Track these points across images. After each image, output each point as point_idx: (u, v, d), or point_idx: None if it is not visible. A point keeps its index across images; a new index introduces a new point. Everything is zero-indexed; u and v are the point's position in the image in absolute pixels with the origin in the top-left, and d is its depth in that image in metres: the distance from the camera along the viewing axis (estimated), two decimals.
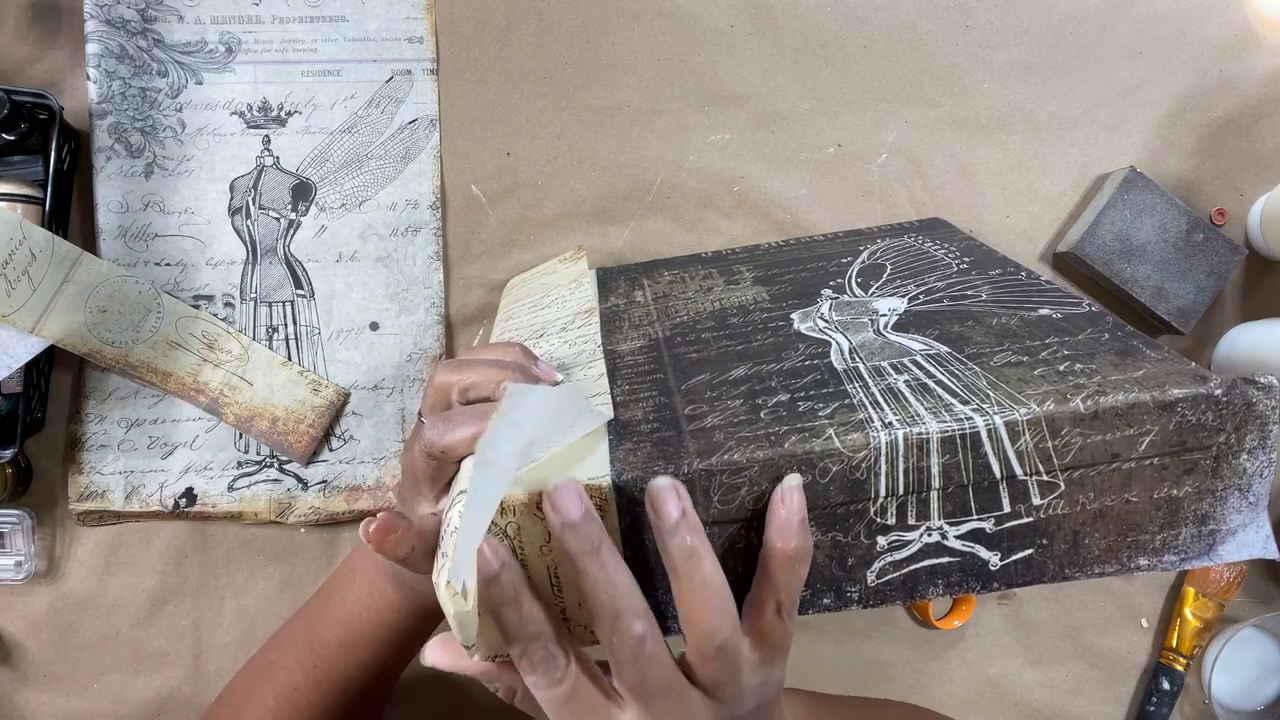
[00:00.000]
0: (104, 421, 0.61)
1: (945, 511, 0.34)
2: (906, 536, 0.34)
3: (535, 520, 0.33)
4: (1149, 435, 0.33)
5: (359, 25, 0.62)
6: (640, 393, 0.39)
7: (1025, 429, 0.33)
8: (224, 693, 0.52)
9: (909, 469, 0.33)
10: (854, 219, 0.65)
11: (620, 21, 0.64)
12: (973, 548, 0.35)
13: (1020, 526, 0.34)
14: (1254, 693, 0.68)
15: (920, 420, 0.33)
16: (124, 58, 0.60)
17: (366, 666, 0.47)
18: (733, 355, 0.41)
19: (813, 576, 0.35)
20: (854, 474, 0.33)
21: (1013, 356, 0.37)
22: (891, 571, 0.35)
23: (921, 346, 0.39)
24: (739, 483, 0.33)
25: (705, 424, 0.35)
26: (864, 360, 0.39)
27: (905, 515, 0.34)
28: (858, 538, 0.34)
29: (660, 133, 0.64)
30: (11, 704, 0.62)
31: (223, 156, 0.62)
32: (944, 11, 0.65)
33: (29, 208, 0.58)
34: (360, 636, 0.46)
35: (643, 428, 0.36)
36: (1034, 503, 0.34)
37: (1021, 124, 0.66)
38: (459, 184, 0.64)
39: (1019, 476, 0.34)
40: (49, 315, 0.56)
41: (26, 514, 0.60)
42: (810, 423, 0.34)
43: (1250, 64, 0.66)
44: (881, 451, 0.33)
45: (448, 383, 0.38)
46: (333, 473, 0.62)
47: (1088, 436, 0.33)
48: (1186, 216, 0.64)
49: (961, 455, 0.33)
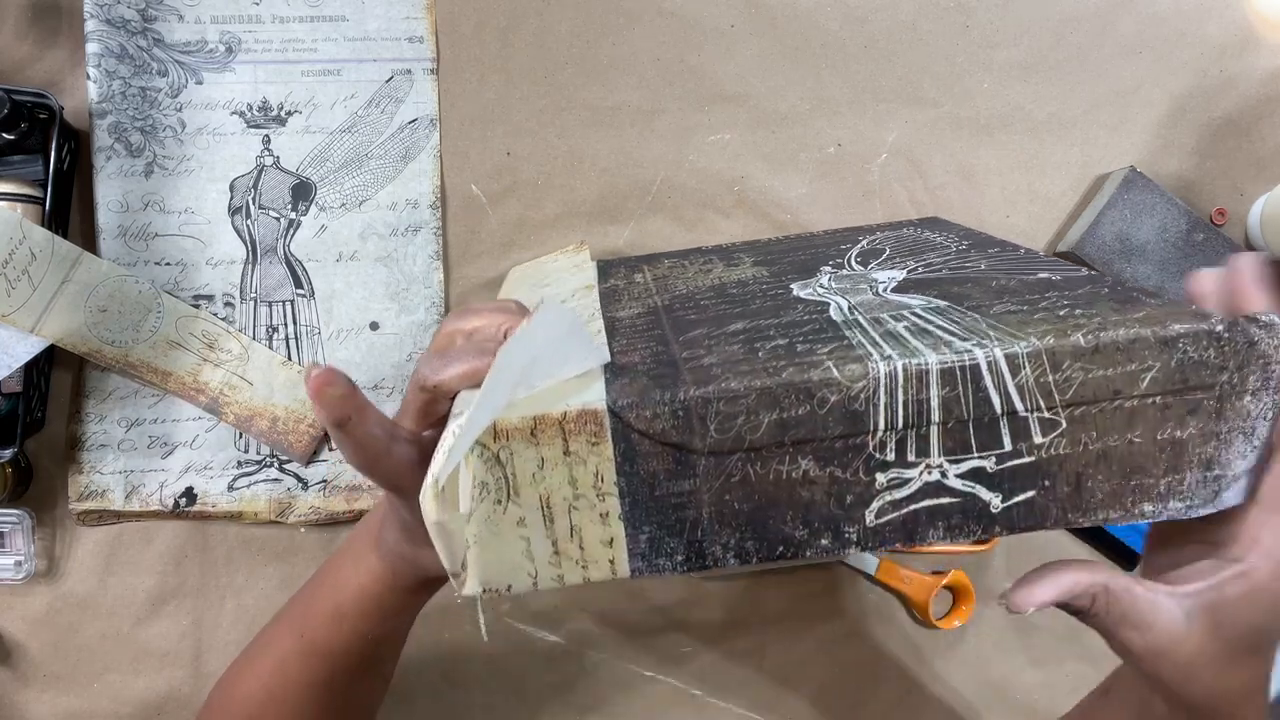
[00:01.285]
0: (104, 421, 0.61)
1: (946, 448, 0.34)
2: (906, 474, 0.34)
3: (528, 446, 0.33)
4: (1151, 371, 0.33)
5: (359, 25, 0.62)
6: (638, 345, 0.39)
7: (1026, 362, 0.33)
8: (224, 673, 0.52)
9: (908, 401, 0.33)
10: (854, 219, 0.65)
11: (620, 21, 0.64)
12: (974, 488, 0.34)
13: (1022, 466, 0.34)
14: None
15: (920, 353, 0.33)
16: (124, 57, 0.60)
17: (353, 638, 0.46)
18: (731, 316, 0.41)
19: (810, 514, 0.34)
20: (852, 404, 0.33)
21: (1013, 307, 0.37)
22: (891, 511, 0.35)
23: (921, 302, 0.39)
24: (736, 411, 0.33)
25: (703, 363, 0.35)
26: (863, 314, 0.39)
27: (905, 451, 0.34)
28: (856, 474, 0.34)
29: (660, 133, 0.65)
30: (11, 704, 0.62)
31: (223, 156, 0.62)
32: (944, 11, 0.65)
33: (29, 207, 0.58)
34: (345, 607, 0.46)
35: (640, 368, 0.36)
36: (1036, 441, 0.34)
37: (1021, 124, 0.66)
38: (459, 184, 0.64)
39: (1020, 412, 0.33)
40: (49, 315, 0.56)
41: (26, 514, 0.60)
42: (808, 358, 0.34)
43: (1250, 64, 0.66)
44: (880, 382, 0.33)
45: (454, 329, 0.39)
46: (333, 472, 0.62)
47: (1089, 371, 0.33)
48: (1186, 216, 0.64)
49: (961, 388, 0.33)
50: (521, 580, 0.35)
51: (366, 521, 0.47)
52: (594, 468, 0.33)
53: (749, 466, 0.34)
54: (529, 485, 0.33)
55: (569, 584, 0.35)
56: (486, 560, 0.34)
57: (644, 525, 0.34)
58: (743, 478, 0.34)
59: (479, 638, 0.64)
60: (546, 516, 0.34)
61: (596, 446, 0.33)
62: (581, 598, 0.65)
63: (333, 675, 0.47)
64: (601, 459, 0.33)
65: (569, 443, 0.33)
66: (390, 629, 0.48)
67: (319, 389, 0.34)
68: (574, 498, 0.34)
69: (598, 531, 0.34)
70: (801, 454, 0.34)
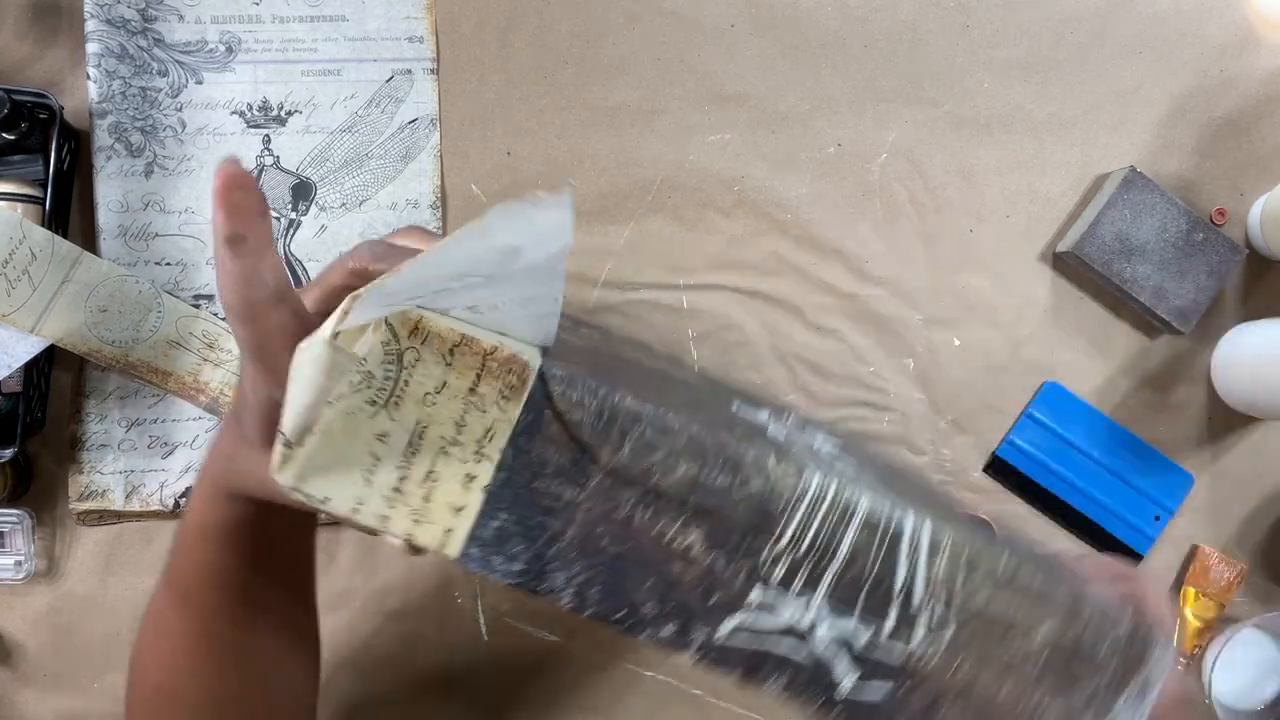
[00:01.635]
0: (104, 421, 0.61)
1: (830, 595, 0.32)
2: (780, 606, 0.32)
3: (438, 363, 0.29)
4: (1047, 625, 0.32)
5: (359, 25, 0.62)
6: (577, 359, 0.35)
7: (946, 550, 0.32)
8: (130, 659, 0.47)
9: (823, 529, 0.31)
10: (854, 218, 0.65)
11: (620, 21, 0.64)
12: (832, 658, 0.32)
13: (889, 659, 0.32)
14: (1254, 693, 0.68)
15: (855, 491, 0.31)
16: (124, 57, 0.60)
17: (209, 572, 0.42)
18: (673, 389, 0.38)
19: (670, 593, 0.32)
20: (771, 501, 0.31)
21: (944, 512, 0.35)
22: (744, 637, 0.32)
23: (857, 465, 0.38)
24: (659, 444, 0.30)
25: (643, 393, 0.32)
26: (803, 446, 0.37)
27: (792, 579, 0.32)
28: (736, 575, 0.31)
29: (660, 133, 0.65)
30: (11, 704, 0.62)
31: (223, 156, 0.62)
32: (944, 11, 0.65)
33: (29, 207, 0.58)
34: (190, 536, 0.42)
35: (581, 365, 0.32)
36: (916, 637, 0.32)
37: (1021, 124, 0.66)
38: (459, 184, 0.64)
39: (916, 596, 0.32)
40: (49, 315, 0.56)
41: (26, 514, 0.60)
42: (749, 440, 0.32)
43: (1250, 64, 0.66)
44: (809, 493, 0.31)
45: (415, 234, 0.35)
46: None
47: (998, 592, 0.32)
48: (1186, 216, 0.64)
49: (877, 542, 0.31)
50: (343, 499, 0.30)
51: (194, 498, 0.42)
52: (490, 421, 0.30)
53: (639, 509, 0.31)
54: (413, 403, 0.30)
55: (388, 533, 0.31)
56: (322, 457, 0.29)
57: (501, 511, 0.31)
58: (627, 518, 0.31)
59: (479, 638, 0.64)
60: (411, 446, 0.30)
61: (506, 401, 0.30)
62: None
63: (204, 622, 0.42)
64: (502, 416, 0.30)
65: (480, 382, 0.30)
66: (247, 559, 0.42)
67: (226, 188, 0.28)
68: (451, 441, 0.30)
69: (454, 491, 0.30)
70: (697, 524, 0.31)
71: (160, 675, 0.43)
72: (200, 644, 0.42)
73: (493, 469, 0.30)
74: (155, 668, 0.44)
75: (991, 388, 0.66)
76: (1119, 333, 0.67)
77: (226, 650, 0.43)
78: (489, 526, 0.31)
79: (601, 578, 0.32)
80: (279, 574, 0.44)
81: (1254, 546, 0.68)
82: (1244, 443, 0.67)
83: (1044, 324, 0.66)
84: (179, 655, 0.43)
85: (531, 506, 0.31)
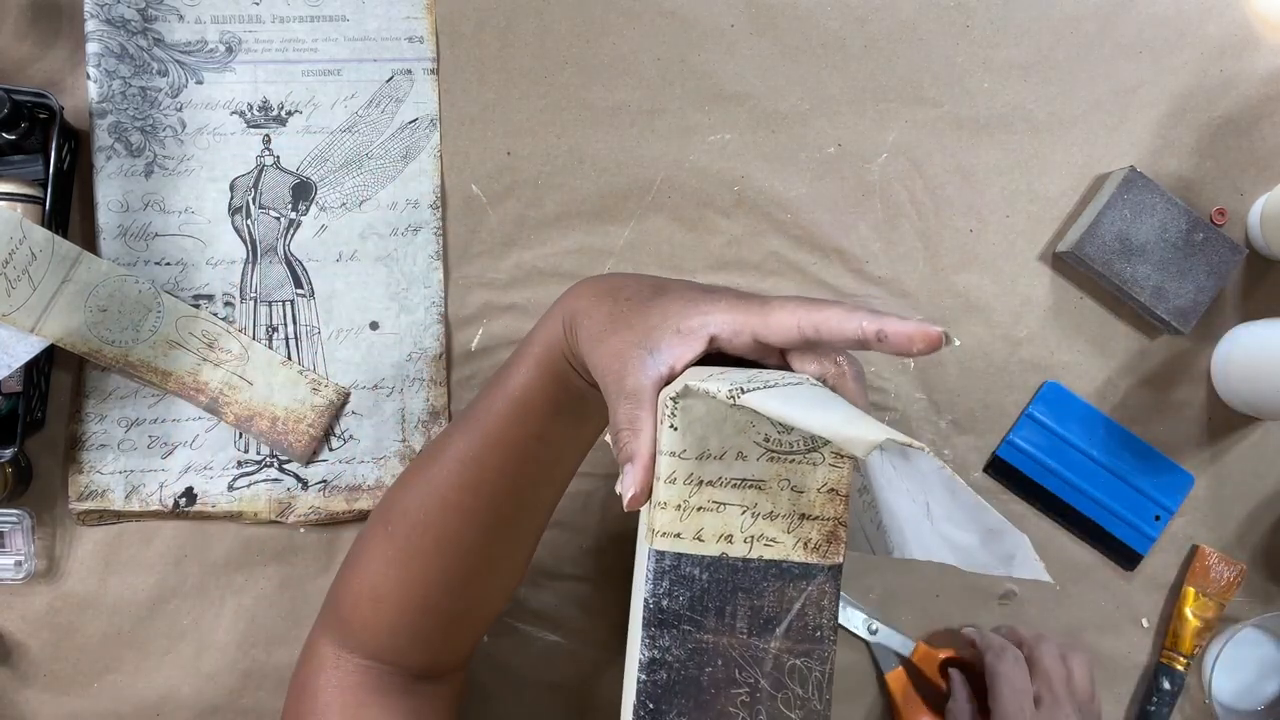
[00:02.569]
0: (104, 421, 0.61)
1: None
2: None
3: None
4: None
5: (359, 25, 0.62)
6: None
7: None
8: (389, 490, 0.52)
9: None
10: (853, 218, 0.65)
11: (620, 21, 0.64)
12: None
13: None
14: (1254, 693, 0.68)
15: None
16: (124, 57, 0.60)
17: (527, 441, 0.45)
18: None
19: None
20: None
21: None
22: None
23: None
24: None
25: None
26: None
27: None
28: None
29: (660, 133, 0.65)
30: (11, 704, 0.62)
31: (223, 156, 0.62)
32: (944, 11, 0.65)
33: (29, 207, 0.58)
34: (526, 402, 0.45)
35: None
36: None
37: (1021, 124, 0.66)
38: (459, 184, 0.64)
39: None
40: (49, 314, 0.56)
41: (26, 514, 0.60)
42: None
43: (1250, 64, 0.66)
44: None
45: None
46: (333, 472, 0.62)
47: None
48: (1186, 216, 0.64)
49: None
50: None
51: (537, 333, 0.45)
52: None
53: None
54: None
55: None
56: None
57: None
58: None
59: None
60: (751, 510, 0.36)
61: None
62: (581, 598, 0.65)
63: (510, 467, 0.46)
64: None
65: None
66: (563, 435, 0.47)
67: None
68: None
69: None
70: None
71: (438, 515, 0.47)
72: (496, 486, 0.47)
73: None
74: (435, 503, 0.47)
75: (991, 388, 0.66)
76: (1119, 333, 0.67)
77: (514, 495, 0.47)
78: None
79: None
80: (571, 450, 0.49)
81: (1254, 546, 0.68)
82: (1244, 443, 0.67)
83: (1044, 324, 0.66)
84: (465, 495, 0.47)
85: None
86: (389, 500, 0.51)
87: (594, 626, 0.65)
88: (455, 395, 0.64)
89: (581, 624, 0.65)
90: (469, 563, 0.48)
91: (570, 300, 0.43)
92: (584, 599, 0.65)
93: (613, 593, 0.65)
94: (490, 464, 0.46)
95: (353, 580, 0.50)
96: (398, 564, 0.48)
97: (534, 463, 0.47)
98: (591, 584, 0.65)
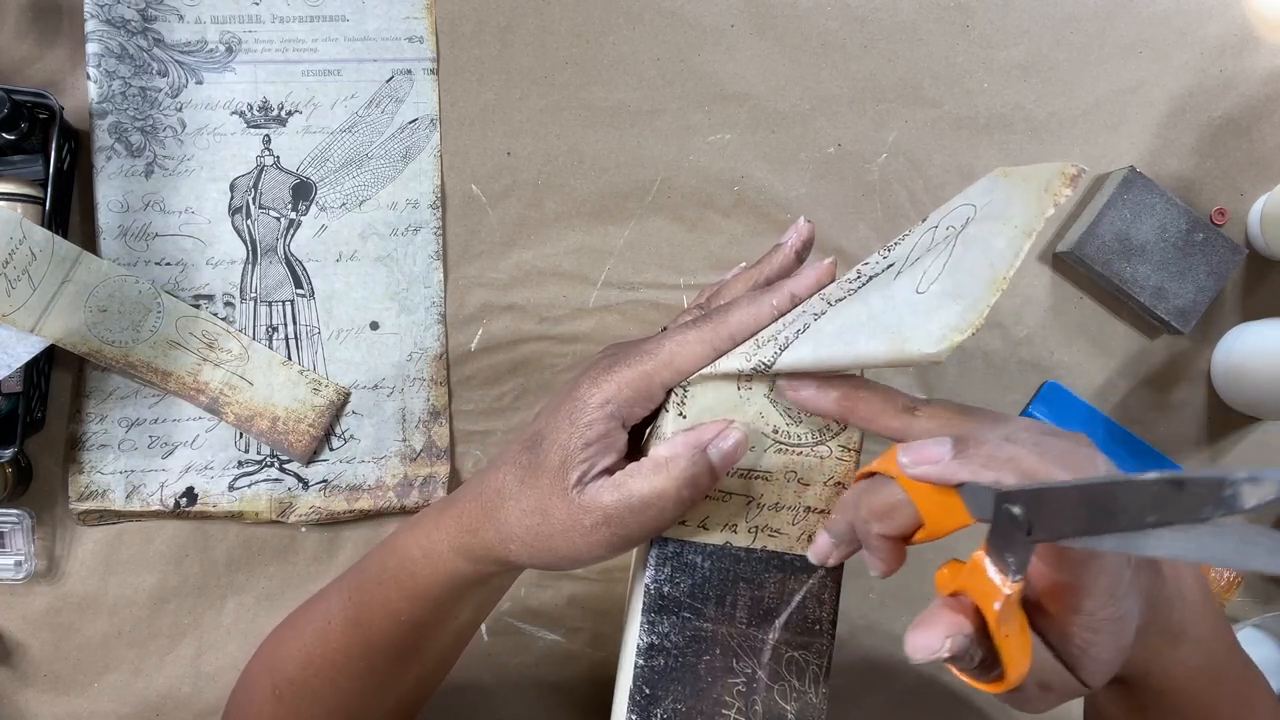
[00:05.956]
0: (104, 421, 0.61)
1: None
2: None
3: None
4: None
5: (359, 25, 0.62)
6: None
7: None
8: (273, 631, 0.50)
9: None
10: (854, 219, 0.65)
11: (620, 21, 0.64)
12: None
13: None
14: None
15: None
16: (124, 57, 0.60)
17: (396, 616, 0.44)
18: None
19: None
20: None
21: None
22: None
23: None
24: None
25: None
26: None
27: None
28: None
29: (660, 133, 0.65)
30: (11, 704, 0.62)
31: (223, 156, 0.62)
32: (944, 11, 0.65)
33: (29, 207, 0.58)
34: (401, 581, 0.43)
35: None
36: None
37: (1021, 124, 0.66)
38: (459, 184, 0.64)
39: None
40: (49, 315, 0.56)
41: (26, 514, 0.60)
42: None
43: (1250, 64, 0.66)
44: None
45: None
46: (333, 472, 0.62)
47: None
48: (1186, 216, 0.64)
49: None
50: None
51: (446, 504, 0.44)
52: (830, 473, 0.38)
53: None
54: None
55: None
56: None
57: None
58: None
59: (480, 637, 0.64)
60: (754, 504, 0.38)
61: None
62: (581, 597, 0.65)
63: (369, 650, 0.45)
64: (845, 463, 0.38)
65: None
66: (438, 617, 0.45)
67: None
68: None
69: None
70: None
71: (303, 672, 0.46)
72: (356, 664, 0.45)
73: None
74: (300, 660, 0.46)
75: (991, 388, 0.66)
76: (1119, 333, 0.67)
77: (375, 674, 0.46)
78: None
79: None
80: (451, 633, 0.47)
81: None
82: (1244, 443, 0.68)
83: (1044, 324, 0.66)
84: (329, 660, 0.46)
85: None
86: (273, 658, 0.49)
87: (594, 626, 0.65)
88: (455, 395, 0.64)
89: (581, 624, 0.65)
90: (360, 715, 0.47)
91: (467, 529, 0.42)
92: (584, 599, 0.65)
93: (613, 592, 0.65)
94: (376, 630, 0.45)
95: None
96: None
97: (433, 629, 0.46)
98: (591, 584, 0.65)
